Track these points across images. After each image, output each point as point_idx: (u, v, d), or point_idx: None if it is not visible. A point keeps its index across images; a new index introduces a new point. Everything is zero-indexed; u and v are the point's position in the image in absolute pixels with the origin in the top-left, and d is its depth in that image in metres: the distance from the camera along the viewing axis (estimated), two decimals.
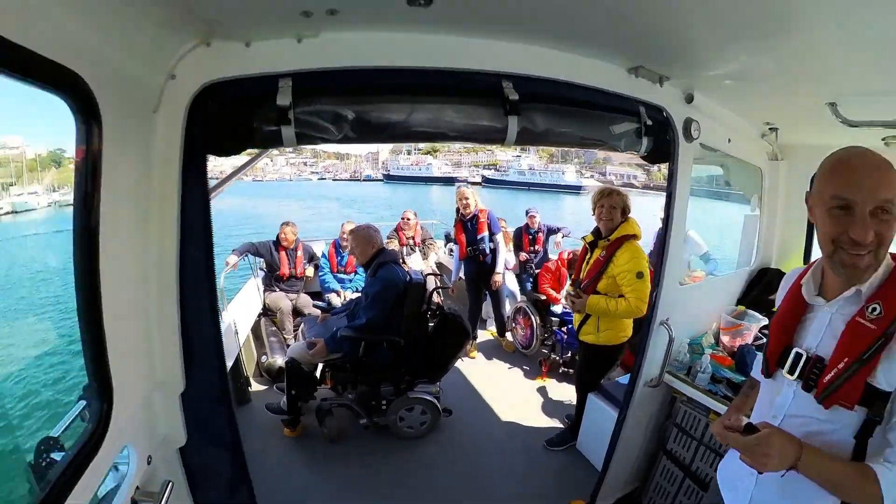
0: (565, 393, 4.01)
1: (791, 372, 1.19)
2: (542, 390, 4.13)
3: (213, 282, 1.53)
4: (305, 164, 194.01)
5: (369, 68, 1.45)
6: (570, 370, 4.22)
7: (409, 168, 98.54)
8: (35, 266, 16.33)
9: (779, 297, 1.42)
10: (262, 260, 5.11)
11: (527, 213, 5.73)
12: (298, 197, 56.84)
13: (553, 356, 4.39)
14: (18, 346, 8.26)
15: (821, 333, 1.18)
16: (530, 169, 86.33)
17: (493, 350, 4.94)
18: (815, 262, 1.28)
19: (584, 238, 2.90)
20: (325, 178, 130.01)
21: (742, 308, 2.78)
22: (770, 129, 2.51)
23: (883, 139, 2.23)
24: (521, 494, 2.92)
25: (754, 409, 1.40)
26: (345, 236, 4.95)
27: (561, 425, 3.53)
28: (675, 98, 1.93)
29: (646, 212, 3.85)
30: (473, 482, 3.01)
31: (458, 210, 4.59)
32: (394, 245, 5.67)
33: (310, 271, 5.24)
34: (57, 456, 1.25)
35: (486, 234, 4.44)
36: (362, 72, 1.45)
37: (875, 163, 1.05)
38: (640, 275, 2.49)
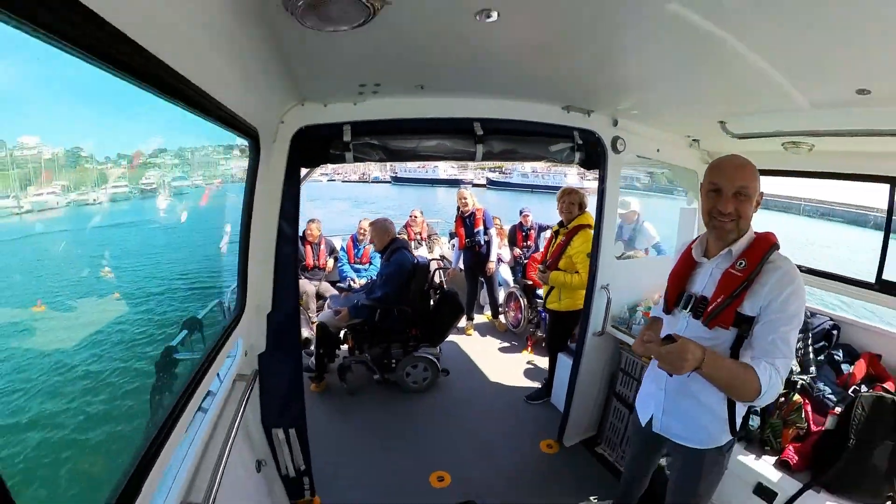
0: (545, 362, 4.67)
1: (685, 307, 1.66)
2: (526, 360, 4.87)
3: (296, 245, 2.38)
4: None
5: (395, 119, 2.33)
6: None
7: (416, 171, 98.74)
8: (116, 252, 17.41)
9: (674, 258, 1.91)
10: None
11: (520, 212, 6.48)
12: (311, 197, 57.18)
13: (538, 332, 5.12)
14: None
15: (705, 281, 1.64)
16: (533, 171, 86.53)
17: (487, 330, 5.68)
18: (701, 235, 1.76)
19: (551, 227, 3.66)
20: (334, 180, 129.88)
21: None
22: (693, 140, 3.23)
23: (783, 144, 2.92)
24: (504, 434, 3.57)
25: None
26: (362, 231, 5.72)
27: (540, 386, 4.26)
28: (605, 123, 2.70)
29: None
30: (465, 426, 3.69)
31: (458, 208, 5.35)
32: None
33: (330, 263, 6.00)
34: (179, 356, 2.11)
35: (481, 228, 5.18)
36: (391, 121, 2.33)
37: (738, 163, 1.52)
38: (590, 255, 3.22)
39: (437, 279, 4.61)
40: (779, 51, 1.40)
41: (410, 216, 6.63)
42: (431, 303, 4.27)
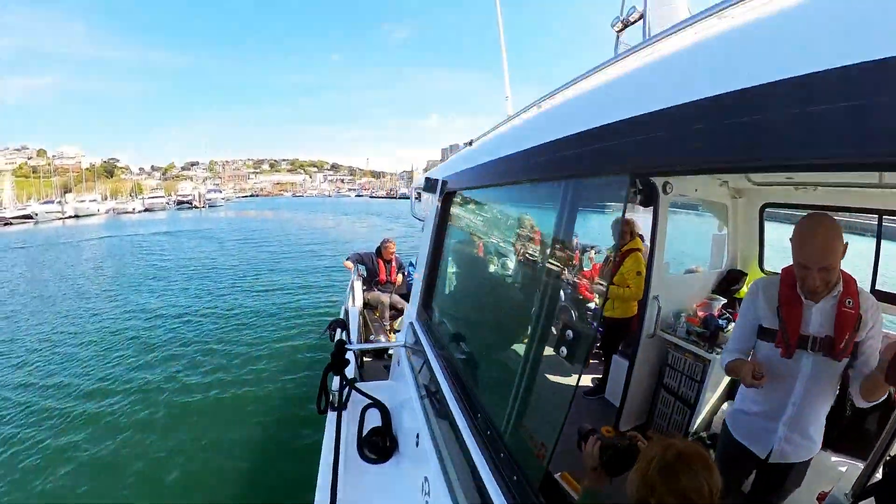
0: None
1: (812, 349, 1.76)
2: None
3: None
4: (343, 181, 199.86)
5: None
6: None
7: None
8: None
9: (754, 298, 1.98)
10: (364, 265, 6.75)
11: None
12: (344, 212, 60.28)
13: None
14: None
15: (819, 321, 1.76)
16: None
17: None
18: (781, 276, 1.90)
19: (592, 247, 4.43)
20: (361, 195, 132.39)
21: (713, 294, 4.21)
22: (723, 181, 3.95)
23: (794, 187, 3.61)
24: (572, 423, 4.26)
25: (767, 379, 1.82)
26: None
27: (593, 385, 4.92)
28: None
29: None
30: None
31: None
32: None
33: (399, 278, 6.84)
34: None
35: None
36: None
37: (822, 243, 1.61)
38: (638, 273, 3.94)
39: None
40: None
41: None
42: None
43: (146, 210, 74.54)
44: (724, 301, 4.07)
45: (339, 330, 3.05)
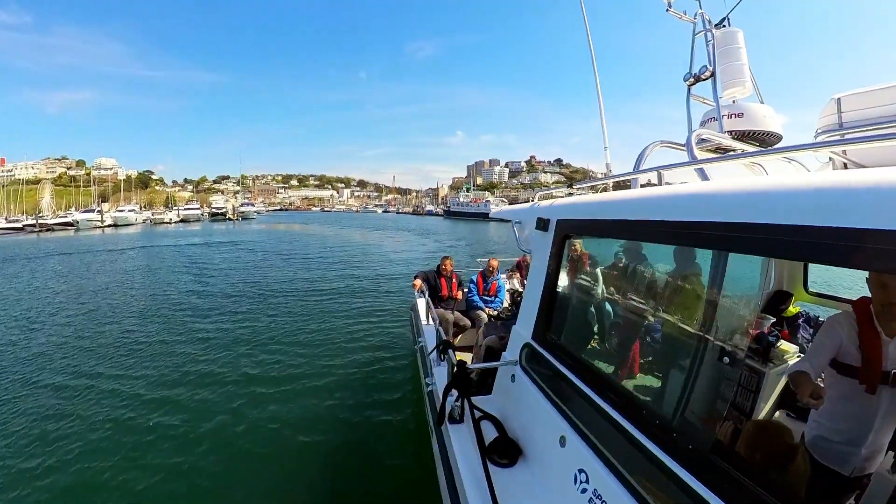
0: None
1: (893, 384, 1.86)
2: None
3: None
4: (369, 197, 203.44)
5: None
6: None
7: (468, 205, 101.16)
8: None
9: (835, 333, 2.06)
10: (427, 283, 6.96)
11: None
12: (375, 227, 61.32)
13: None
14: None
15: None
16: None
17: None
18: (854, 312, 2.02)
19: None
20: (389, 211, 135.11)
21: (762, 314, 4.23)
22: None
23: None
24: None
25: (844, 414, 2.04)
26: (491, 268, 6.71)
27: None
28: None
29: None
30: None
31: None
32: (516, 277, 7.43)
33: (459, 294, 7.03)
34: None
35: None
36: None
37: None
38: None
39: None
40: None
41: (522, 258, 7.58)
42: None
43: (182, 221, 77.08)
44: (774, 320, 4.13)
45: (450, 351, 3.43)
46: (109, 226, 64.04)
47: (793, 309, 4.28)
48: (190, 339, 9.93)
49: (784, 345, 3.59)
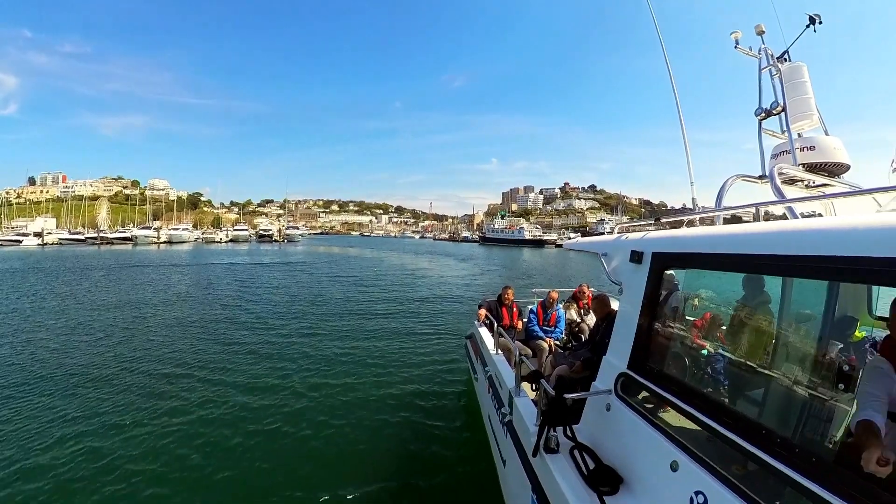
0: None
1: None
2: None
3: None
4: (406, 223, 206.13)
5: None
6: None
7: (503, 231, 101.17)
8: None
9: (882, 379, 1.99)
10: (490, 312, 7.19)
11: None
12: (416, 252, 62.11)
13: None
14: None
15: None
16: (611, 230, 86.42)
17: None
18: (891, 359, 2.00)
19: None
20: (426, 237, 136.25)
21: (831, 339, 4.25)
22: None
23: None
24: None
25: None
26: (551, 300, 6.88)
27: None
28: None
29: None
30: None
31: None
32: (573, 308, 7.57)
33: (520, 323, 7.21)
34: None
35: None
36: None
37: None
38: None
39: None
40: None
41: (579, 289, 7.71)
42: None
43: (231, 241, 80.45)
44: (841, 345, 4.10)
45: (542, 381, 3.53)
46: (164, 242, 67.91)
47: (858, 334, 4.26)
48: (274, 350, 10.82)
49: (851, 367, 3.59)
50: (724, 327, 3.47)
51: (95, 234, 66.38)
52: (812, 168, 3.54)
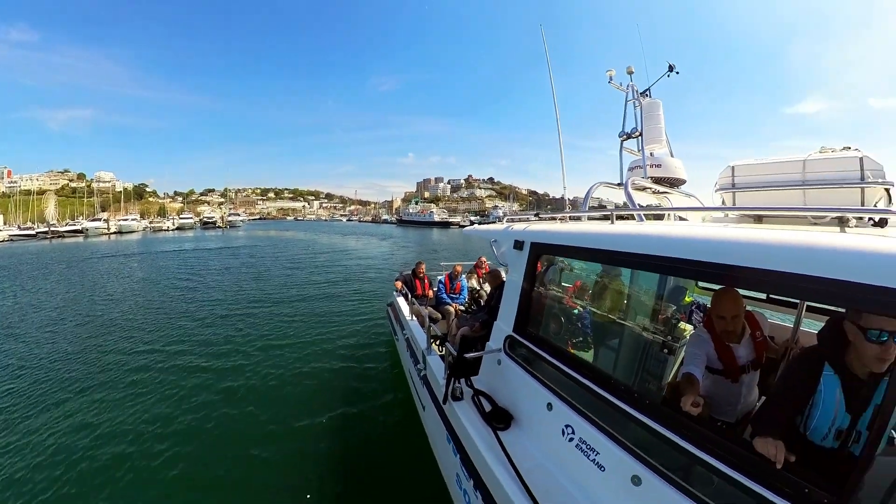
0: None
1: (747, 371, 2.32)
2: None
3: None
4: (335, 208, 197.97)
5: None
6: None
7: (417, 215, 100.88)
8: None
9: (700, 345, 2.36)
10: (405, 283, 7.09)
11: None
12: (343, 233, 59.62)
13: None
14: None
15: (747, 351, 2.35)
16: (504, 215, 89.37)
17: None
18: (709, 331, 2.38)
19: None
20: (352, 220, 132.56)
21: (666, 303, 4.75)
22: None
23: None
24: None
25: (720, 394, 2.39)
26: (457, 272, 6.93)
27: None
28: None
29: None
30: None
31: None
32: (474, 277, 7.70)
33: (430, 292, 7.20)
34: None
35: None
36: None
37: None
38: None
39: None
40: None
41: (478, 261, 7.85)
42: None
43: (178, 228, 71.85)
44: (675, 307, 4.46)
45: (448, 344, 3.57)
46: (115, 233, 59.10)
47: (687, 298, 4.75)
48: (205, 325, 9.89)
49: (682, 325, 3.99)
50: (590, 292, 3.68)
51: (46, 229, 55.01)
52: (658, 180, 3.82)
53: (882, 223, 2.07)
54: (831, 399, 1.69)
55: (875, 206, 2.26)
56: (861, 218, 2.08)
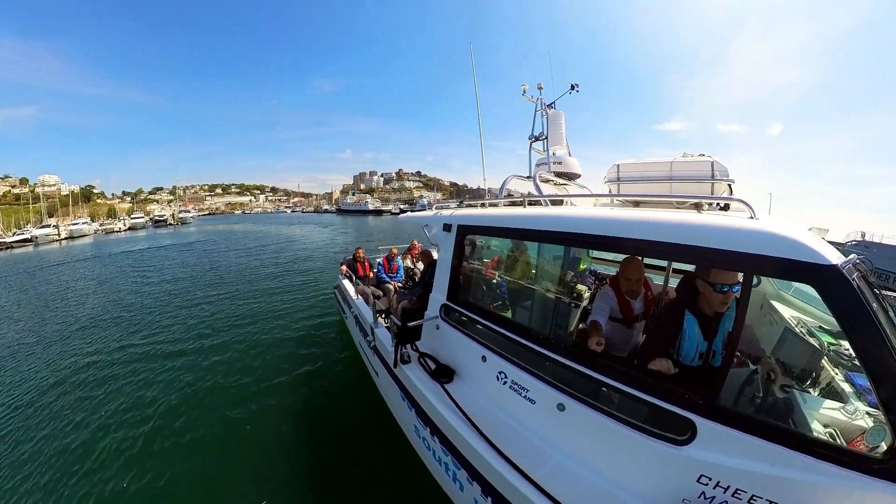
0: None
1: (638, 320, 2.49)
2: None
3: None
4: (280, 200, 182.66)
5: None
6: None
7: (354, 205, 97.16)
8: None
9: (606, 299, 2.51)
10: (349, 267, 6.72)
11: None
12: (290, 223, 55.07)
13: None
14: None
15: (640, 305, 2.52)
16: (428, 203, 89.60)
17: None
18: (613, 288, 2.54)
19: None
20: (296, 211, 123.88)
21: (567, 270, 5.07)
22: None
23: None
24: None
25: (618, 337, 2.49)
26: (394, 253, 6.71)
27: None
28: None
29: None
30: None
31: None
32: (408, 258, 7.53)
33: (371, 273, 6.91)
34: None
35: None
36: None
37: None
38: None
39: None
40: None
41: (411, 244, 7.69)
42: None
43: (130, 229, 59.32)
44: (574, 273, 4.65)
45: (391, 316, 3.41)
46: (66, 238, 46.07)
47: (582, 266, 4.88)
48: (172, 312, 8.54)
49: (579, 286, 4.17)
50: (504, 264, 3.76)
51: None
52: (559, 174, 3.97)
53: (726, 208, 2.37)
54: (692, 333, 1.98)
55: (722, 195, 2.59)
56: (711, 204, 2.38)
